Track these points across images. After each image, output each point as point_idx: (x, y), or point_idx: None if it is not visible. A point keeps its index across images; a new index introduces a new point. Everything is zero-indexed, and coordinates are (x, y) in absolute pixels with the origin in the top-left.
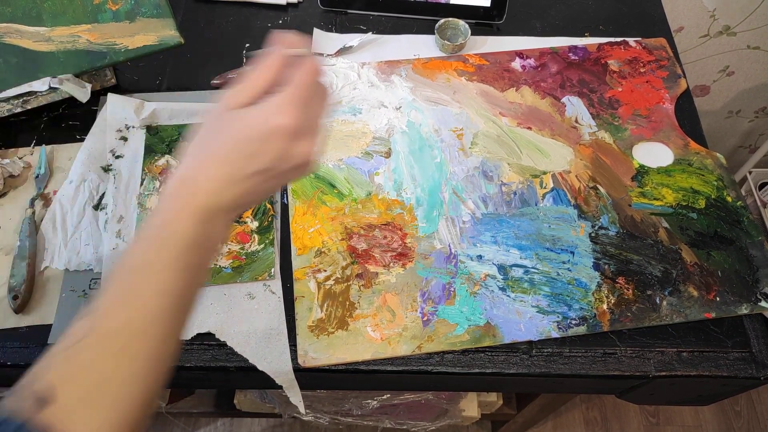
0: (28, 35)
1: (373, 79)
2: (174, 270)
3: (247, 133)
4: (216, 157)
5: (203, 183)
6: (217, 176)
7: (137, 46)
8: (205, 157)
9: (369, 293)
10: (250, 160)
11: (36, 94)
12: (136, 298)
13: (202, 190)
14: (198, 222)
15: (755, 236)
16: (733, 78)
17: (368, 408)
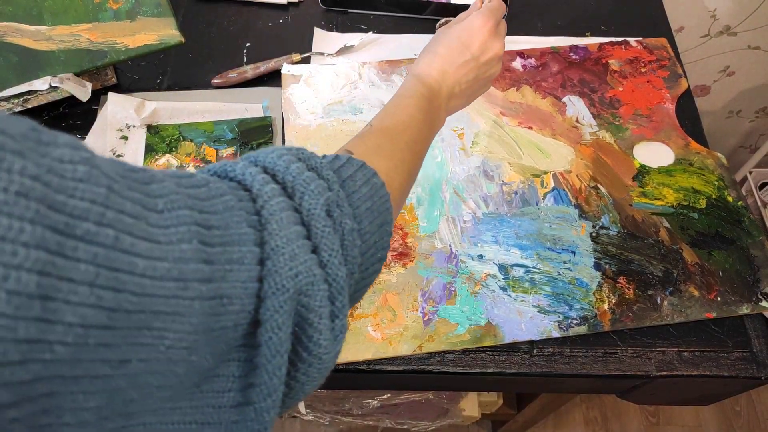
0: (28, 34)
1: (374, 79)
2: (416, 106)
3: (458, 33)
4: (437, 55)
5: (430, 73)
6: (438, 67)
7: (138, 45)
8: (430, 57)
9: (369, 293)
10: (461, 52)
11: (36, 93)
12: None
13: (430, 77)
14: (426, 97)
15: (756, 236)
16: (734, 78)
17: (369, 408)
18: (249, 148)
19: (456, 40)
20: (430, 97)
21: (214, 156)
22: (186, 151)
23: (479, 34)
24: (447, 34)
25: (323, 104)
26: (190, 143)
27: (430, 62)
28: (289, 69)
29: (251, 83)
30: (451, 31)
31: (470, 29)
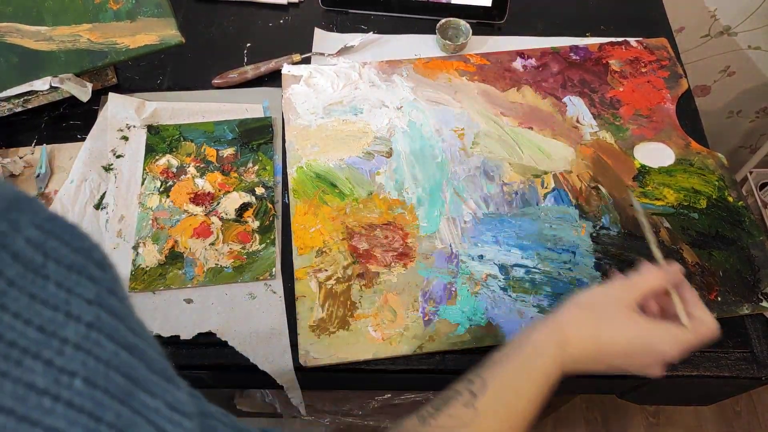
0: (29, 35)
1: (375, 79)
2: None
3: (635, 339)
4: (595, 336)
5: (573, 345)
6: (587, 349)
7: (138, 45)
8: (587, 328)
9: (370, 293)
10: (619, 357)
11: (37, 93)
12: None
13: (568, 350)
14: (552, 365)
15: (756, 236)
16: (734, 78)
17: (369, 408)
18: (249, 148)
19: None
20: (564, 369)
21: (215, 156)
22: (186, 151)
23: (654, 357)
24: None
25: (323, 104)
26: (190, 143)
27: (585, 344)
28: (290, 69)
29: (251, 83)
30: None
31: (651, 347)
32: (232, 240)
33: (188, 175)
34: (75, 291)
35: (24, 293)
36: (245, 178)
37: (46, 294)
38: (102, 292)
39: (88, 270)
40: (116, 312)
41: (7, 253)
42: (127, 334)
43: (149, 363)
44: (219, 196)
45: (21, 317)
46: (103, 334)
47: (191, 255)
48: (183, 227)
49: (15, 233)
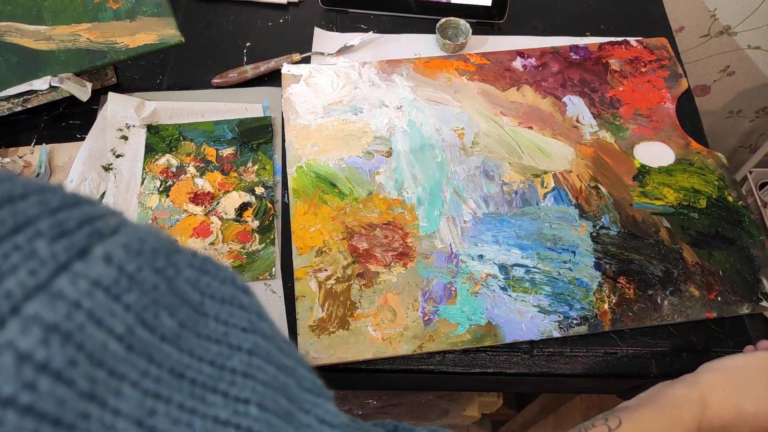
0: (28, 34)
1: (374, 79)
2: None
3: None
4: (738, 406)
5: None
6: (727, 418)
7: (138, 44)
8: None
9: (370, 293)
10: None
11: (36, 93)
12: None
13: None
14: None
15: (756, 236)
16: (734, 78)
17: (369, 408)
18: (249, 147)
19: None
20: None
21: (214, 156)
22: (186, 151)
23: None
24: None
25: (323, 104)
26: (190, 143)
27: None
28: (289, 69)
29: (251, 83)
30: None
31: None
32: (231, 240)
33: (188, 174)
34: (230, 322)
35: (193, 333)
36: (245, 177)
37: (208, 330)
38: (253, 319)
39: (237, 299)
40: (267, 335)
41: (177, 298)
42: (279, 355)
43: (299, 380)
44: (219, 196)
45: (195, 355)
46: (262, 358)
47: None
48: (183, 227)
49: (178, 276)
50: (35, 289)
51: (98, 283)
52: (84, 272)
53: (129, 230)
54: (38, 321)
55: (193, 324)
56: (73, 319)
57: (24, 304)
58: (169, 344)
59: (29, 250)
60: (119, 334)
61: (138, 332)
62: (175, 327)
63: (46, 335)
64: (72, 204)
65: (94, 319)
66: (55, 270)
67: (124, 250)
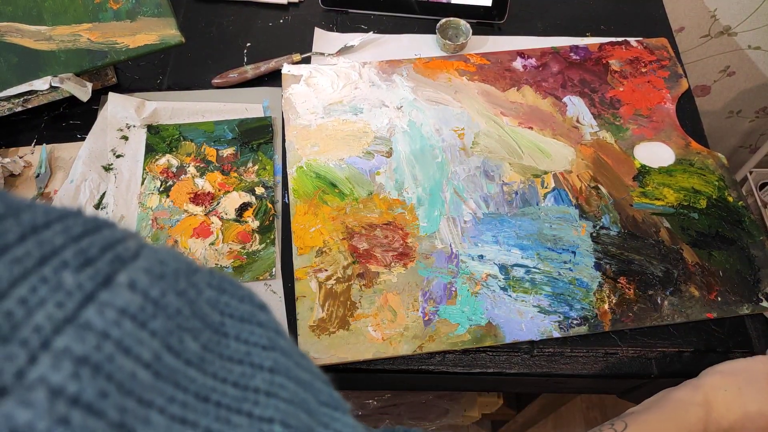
0: (29, 34)
1: (375, 79)
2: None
3: None
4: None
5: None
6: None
7: (138, 45)
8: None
9: (370, 293)
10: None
11: (37, 93)
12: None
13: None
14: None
15: (756, 236)
16: (734, 78)
17: (369, 408)
18: (249, 148)
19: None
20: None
21: (215, 156)
22: (186, 151)
23: None
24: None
25: (323, 104)
26: (190, 143)
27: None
28: (290, 69)
29: (251, 83)
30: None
31: None
32: (232, 240)
33: (188, 174)
34: (251, 341)
35: (216, 354)
36: (245, 177)
37: (230, 350)
38: (272, 335)
39: (256, 317)
40: (286, 351)
41: (199, 320)
42: (298, 371)
43: (317, 394)
44: (219, 196)
45: (219, 377)
46: (283, 375)
47: (191, 255)
48: (183, 227)
49: (199, 297)
50: (64, 322)
51: (125, 312)
52: (110, 301)
53: (149, 253)
54: (68, 354)
55: (215, 345)
56: (103, 350)
57: (54, 338)
58: (194, 368)
59: (56, 282)
60: (147, 361)
61: (164, 358)
62: (198, 350)
63: (77, 368)
64: (93, 229)
65: (122, 348)
66: (82, 301)
67: (146, 275)
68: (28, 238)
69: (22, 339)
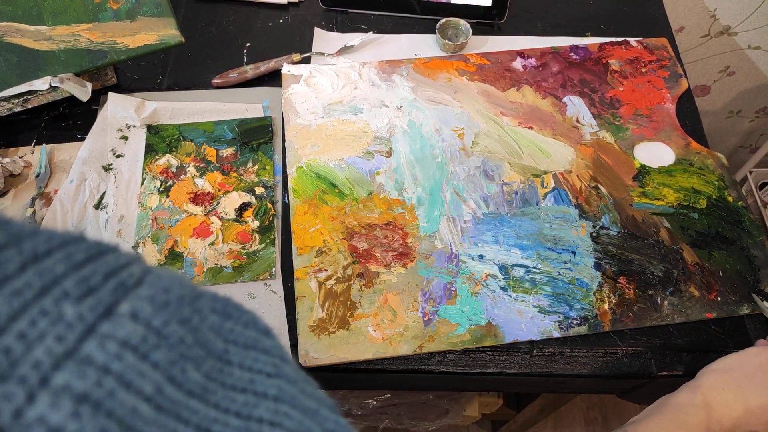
0: (28, 34)
1: (374, 79)
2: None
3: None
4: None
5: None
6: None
7: (138, 45)
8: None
9: (370, 293)
10: None
11: (37, 93)
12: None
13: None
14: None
15: (756, 236)
16: (734, 78)
17: (369, 408)
18: (249, 148)
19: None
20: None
21: (215, 156)
22: (186, 151)
23: None
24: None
25: (323, 104)
26: (190, 143)
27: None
28: (290, 69)
29: (251, 83)
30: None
31: None
32: (231, 240)
33: (188, 174)
34: (255, 368)
35: (219, 384)
36: (245, 177)
37: (233, 379)
38: (277, 362)
39: (261, 343)
40: (292, 378)
41: (202, 348)
42: (303, 398)
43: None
44: (219, 196)
45: (221, 408)
46: (288, 404)
47: (191, 255)
48: (183, 227)
49: (203, 324)
50: (64, 357)
51: (126, 344)
52: (111, 333)
53: (153, 279)
54: (68, 392)
55: (218, 374)
56: (103, 385)
57: (53, 375)
58: (197, 399)
59: (56, 314)
60: (148, 395)
61: (166, 390)
62: (201, 379)
63: (77, 407)
64: (96, 255)
65: (123, 382)
66: (83, 333)
67: (150, 304)
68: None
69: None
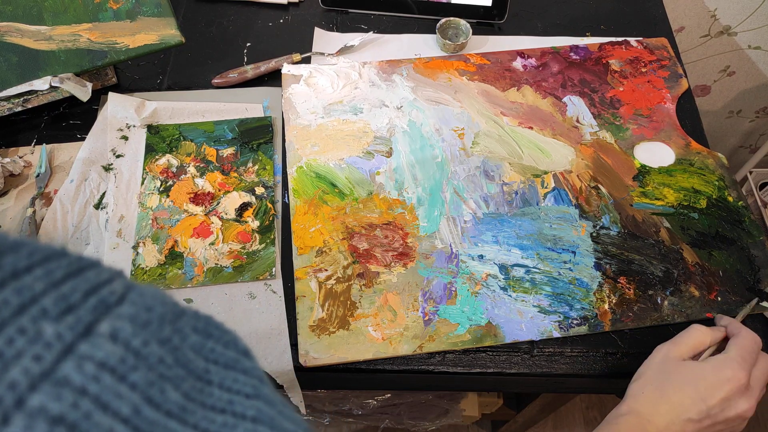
0: (28, 34)
1: (375, 79)
2: None
3: (699, 379)
4: (665, 397)
5: (652, 419)
6: (664, 413)
7: (138, 45)
8: (656, 396)
9: (370, 293)
10: (696, 403)
11: (37, 93)
12: None
13: (651, 424)
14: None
15: (756, 236)
16: (734, 78)
17: (369, 408)
18: (249, 147)
19: (692, 388)
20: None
21: (215, 156)
22: (186, 151)
23: (724, 388)
24: (683, 371)
25: (323, 104)
26: (190, 143)
27: (656, 403)
28: (290, 69)
29: (251, 83)
30: (689, 370)
31: (714, 380)
32: (232, 240)
33: (188, 174)
34: (234, 389)
35: (198, 404)
36: (245, 177)
37: (213, 399)
38: (256, 384)
39: (240, 363)
40: (270, 400)
41: (182, 368)
42: (281, 420)
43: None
44: (219, 196)
45: (200, 428)
46: (266, 425)
47: (191, 255)
48: (183, 227)
49: (183, 344)
50: (41, 377)
51: (104, 365)
52: (90, 354)
53: (135, 297)
54: (43, 414)
55: (198, 394)
56: (80, 408)
57: (29, 396)
58: (175, 420)
59: (34, 332)
60: (125, 416)
61: (144, 412)
62: (180, 400)
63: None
64: (77, 272)
65: (100, 404)
66: (61, 353)
67: (130, 324)
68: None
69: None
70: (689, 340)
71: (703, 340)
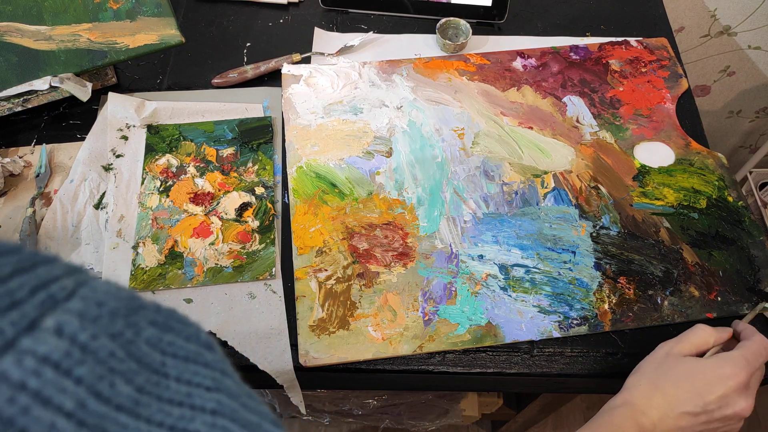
0: (28, 34)
1: (375, 79)
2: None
3: (697, 375)
4: (659, 390)
5: (646, 411)
6: (658, 406)
7: (138, 45)
8: (651, 390)
9: (370, 293)
10: (692, 399)
11: (37, 93)
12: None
13: (645, 416)
14: None
15: (756, 236)
16: (734, 78)
17: (369, 408)
18: (249, 147)
19: (689, 382)
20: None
21: (215, 156)
22: (186, 151)
23: (723, 385)
24: (682, 366)
25: (323, 104)
26: (190, 143)
27: (650, 396)
28: (290, 69)
29: (251, 83)
30: (687, 366)
31: (713, 376)
32: (232, 240)
33: (188, 174)
34: (194, 381)
35: (153, 397)
36: (245, 177)
37: (170, 392)
38: (217, 376)
39: (202, 356)
40: (232, 392)
41: (135, 362)
42: (245, 412)
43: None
44: (219, 196)
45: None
46: (227, 418)
47: (191, 255)
48: (183, 227)
49: (137, 338)
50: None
51: (47, 359)
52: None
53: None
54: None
55: (152, 387)
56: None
57: None
58: (126, 413)
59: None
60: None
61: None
62: (132, 394)
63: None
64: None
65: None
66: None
67: (78, 319)
68: None
69: None
70: (693, 339)
71: (707, 340)
